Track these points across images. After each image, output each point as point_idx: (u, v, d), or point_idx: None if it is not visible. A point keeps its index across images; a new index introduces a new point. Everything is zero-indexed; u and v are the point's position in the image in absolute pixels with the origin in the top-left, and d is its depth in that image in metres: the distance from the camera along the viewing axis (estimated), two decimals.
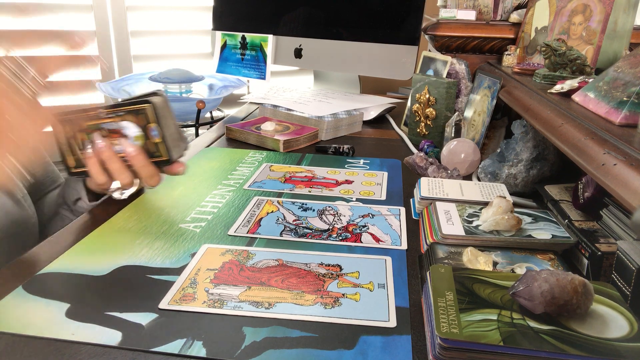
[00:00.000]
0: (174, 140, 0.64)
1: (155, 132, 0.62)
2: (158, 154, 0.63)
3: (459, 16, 1.10)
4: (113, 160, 0.62)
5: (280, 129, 1.00)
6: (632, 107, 0.52)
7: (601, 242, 0.50)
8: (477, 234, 0.54)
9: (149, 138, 0.62)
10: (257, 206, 0.68)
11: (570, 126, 0.56)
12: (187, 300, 0.46)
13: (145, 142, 0.62)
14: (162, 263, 0.52)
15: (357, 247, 0.57)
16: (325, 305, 0.46)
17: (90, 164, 0.62)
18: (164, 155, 0.63)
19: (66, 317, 0.43)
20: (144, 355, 0.39)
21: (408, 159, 0.84)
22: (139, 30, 1.85)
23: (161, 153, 0.63)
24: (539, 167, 0.73)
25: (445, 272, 0.45)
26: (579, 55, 0.75)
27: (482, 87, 0.91)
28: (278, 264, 0.53)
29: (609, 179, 0.44)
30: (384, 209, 0.68)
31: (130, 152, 0.61)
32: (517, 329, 0.37)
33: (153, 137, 0.62)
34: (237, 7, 1.40)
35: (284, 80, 1.98)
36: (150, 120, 0.61)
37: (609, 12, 0.76)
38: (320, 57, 1.25)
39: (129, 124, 0.62)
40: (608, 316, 0.39)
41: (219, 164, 0.85)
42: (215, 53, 1.44)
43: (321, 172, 0.83)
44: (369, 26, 1.17)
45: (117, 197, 0.65)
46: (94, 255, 0.53)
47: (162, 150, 0.63)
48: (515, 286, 0.41)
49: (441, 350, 0.37)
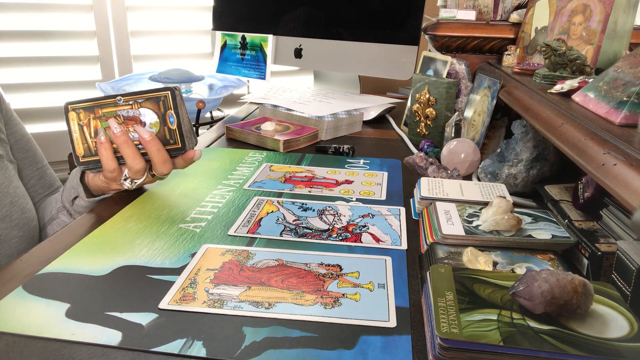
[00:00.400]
0: (188, 131, 0.66)
1: (172, 119, 0.64)
2: (172, 142, 0.65)
3: (459, 16, 1.10)
4: (127, 145, 0.63)
5: (280, 129, 1.00)
6: (632, 107, 0.52)
7: (601, 242, 0.50)
8: (477, 234, 0.54)
9: (167, 124, 0.64)
10: (257, 206, 0.68)
11: (570, 126, 0.56)
12: (187, 300, 0.46)
13: (161, 130, 0.64)
14: (162, 263, 0.52)
15: (357, 247, 0.57)
16: (325, 305, 0.46)
17: (103, 149, 0.63)
18: (178, 143, 0.65)
19: (66, 317, 0.43)
20: (144, 355, 0.39)
21: (408, 159, 0.84)
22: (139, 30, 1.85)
23: (176, 140, 0.65)
24: (539, 167, 0.73)
25: (445, 272, 0.45)
26: (579, 55, 0.75)
27: (482, 87, 0.91)
28: (278, 264, 0.53)
29: (609, 179, 0.44)
30: (384, 209, 0.68)
31: (145, 137, 0.63)
32: (517, 329, 0.37)
33: (170, 124, 0.64)
34: (237, 7, 1.40)
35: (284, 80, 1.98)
36: (169, 107, 0.64)
37: (609, 12, 0.76)
38: (320, 57, 1.25)
39: (148, 111, 0.64)
40: (608, 316, 0.39)
41: (219, 164, 0.85)
42: (215, 53, 1.44)
43: (321, 172, 0.83)
44: (369, 26, 1.17)
45: (127, 186, 0.66)
46: (94, 255, 0.53)
47: (177, 137, 0.65)
48: (515, 286, 0.41)
49: (441, 350, 0.37)
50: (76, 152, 0.65)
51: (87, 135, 0.64)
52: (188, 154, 0.66)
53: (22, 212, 0.70)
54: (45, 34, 1.73)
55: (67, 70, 1.78)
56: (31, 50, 1.72)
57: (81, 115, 0.64)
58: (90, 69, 1.82)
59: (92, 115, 0.64)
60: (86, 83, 1.79)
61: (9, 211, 0.68)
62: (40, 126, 1.78)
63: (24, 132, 0.80)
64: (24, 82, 1.73)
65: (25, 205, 0.71)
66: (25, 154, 0.79)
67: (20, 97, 1.74)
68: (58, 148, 1.72)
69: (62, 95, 1.79)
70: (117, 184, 0.66)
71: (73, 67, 1.79)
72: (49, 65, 1.75)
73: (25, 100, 1.75)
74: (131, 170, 0.63)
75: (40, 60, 1.74)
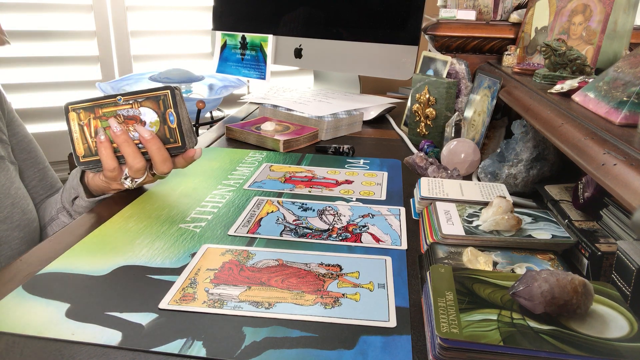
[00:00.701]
0: (188, 130, 0.66)
1: (172, 118, 0.64)
2: (173, 140, 0.65)
3: (459, 16, 1.10)
4: (128, 144, 0.63)
5: (280, 129, 1.00)
6: (632, 107, 0.52)
7: (601, 242, 0.50)
8: (477, 234, 0.54)
9: (167, 123, 0.64)
10: (257, 206, 0.68)
11: (570, 126, 0.56)
12: (187, 300, 0.46)
13: (161, 129, 0.65)
14: (162, 263, 0.52)
15: (357, 247, 0.57)
16: (325, 305, 0.46)
17: (102, 148, 0.63)
18: (179, 142, 0.65)
19: (66, 317, 0.43)
20: (144, 355, 0.39)
21: (408, 159, 0.84)
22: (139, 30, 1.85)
23: (176, 139, 0.65)
24: (539, 167, 0.73)
25: (445, 272, 0.45)
26: (579, 55, 0.75)
27: (482, 87, 0.91)
28: (278, 264, 0.53)
29: (609, 179, 0.44)
30: (384, 209, 0.68)
31: (146, 136, 0.63)
32: (517, 329, 0.37)
33: (170, 122, 0.64)
34: (237, 7, 1.40)
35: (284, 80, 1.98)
36: (169, 106, 0.64)
37: (609, 12, 0.76)
38: (320, 57, 1.25)
39: (148, 110, 0.64)
40: (608, 316, 0.39)
41: (219, 164, 0.85)
42: (215, 53, 1.44)
43: (321, 172, 0.83)
44: (369, 26, 1.17)
45: (128, 185, 0.66)
46: (94, 255, 0.53)
47: (177, 136, 0.65)
48: (515, 286, 0.41)
49: (441, 350, 0.37)
50: (76, 152, 0.65)
51: (88, 135, 0.64)
52: (188, 152, 0.66)
53: (23, 213, 0.70)
54: (45, 34, 1.73)
55: (67, 70, 1.79)
56: (31, 50, 1.72)
57: (81, 115, 0.64)
58: (90, 69, 1.82)
59: (93, 115, 0.64)
60: (86, 83, 1.79)
61: (10, 212, 0.68)
62: (41, 126, 1.78)
63: (25, 133, 0.80)
64: (24, 82, 1.74)
65: (26, 206, 0.71)
66: (27, 155, 0.79)
67: (20, 97, 1.74)
68: (58, 148, 1.72)
69: (62, 95, 1.79)
70: (118, 184, 0.66)
71: (73, 67, 1.79)
72: (49, 65, 1.76)
73: (25, 100, 1.75)
74: (131, 170, 0.63)
75: (41, 60, 1.74)
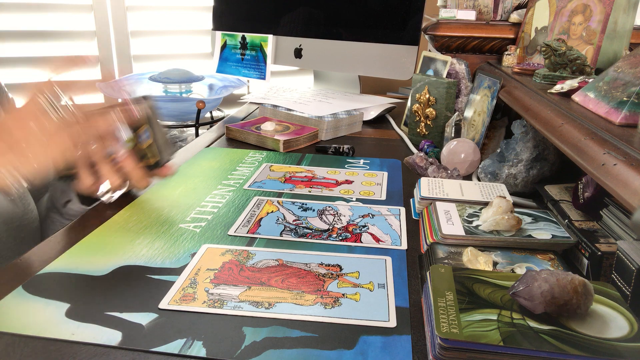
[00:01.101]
0: (163, 144, 0.65)
1: (147, 134, 0.63)
2: (148, 157, 0.64)
3: (459, 16, 1.10)
4: (104, 163, 0.62)
5: (280, 129, 1.00)
6: (632, 107, 0.52)
7: (601, 242, 0.50)
8: (477, 234, 0.54)
9: (140, 141, 0.63)
10: (257, 206, 0.68)
11: (570, 126, 0.56)
12: (187, 300, 0.46)
13: (136, 144, 0.64)
14: (162, 263, 0.52)
15: (357, 247, 0.57)
16: (325, 305, 0.46)
17: (80, 165, 0.62)
18: (155, 157, 0.65)
19: (66, 317, 0.43)
20: (144, 355, 0.39)
21: (408, 159, 0.84)
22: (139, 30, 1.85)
23: (151, 155, 0.65)
24: (539, 167, 0.73)
25: (445, 272, 0.45)
26: (579, 55, 0.75)
27: (482, 87, 0.91)
28: (278, 264, 0.53)
29: (609, 179, 0.44)
30: (384, 209, 0.68)
31: (121, 154, 0.62)
32: (517, 329, 0.37)
33: (145, 139, 0.63)
34: (237, 7, 1.40)
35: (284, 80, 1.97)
36: (142, 122, 0.63)
37: (609, 12, 0.76)
38: (320, 57, 1.25)
39: (121, 126, 0.63)
40: (608, 316, 0.39)
41: (219, 164, 0.85)
42: (215, 53, 1.44)
43: (321, 172, 0.83)
44: (369, 26, 1.17)
45: (106, 200, 0.65)
46: (94, 255, 0.53)
47: (153, 152, 0.64)
48: (515, 286, 0.41)
49: (441, 350, 0.37)
50: None
51: None
52: (163, 170, 0.66)
53: (24, 213, 0.70)
54: (45, 34, 1.73)
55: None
56: (31, 50, 1.72)
57: None
58: (90, 68, 1.82)
59: None
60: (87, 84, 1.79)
61: None
62: None
63: None
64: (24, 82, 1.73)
65: (27, 206, 0.71)
66: None
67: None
68: None
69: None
70: None
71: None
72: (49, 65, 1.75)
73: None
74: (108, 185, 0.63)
75: (41, 60, 1.74)
